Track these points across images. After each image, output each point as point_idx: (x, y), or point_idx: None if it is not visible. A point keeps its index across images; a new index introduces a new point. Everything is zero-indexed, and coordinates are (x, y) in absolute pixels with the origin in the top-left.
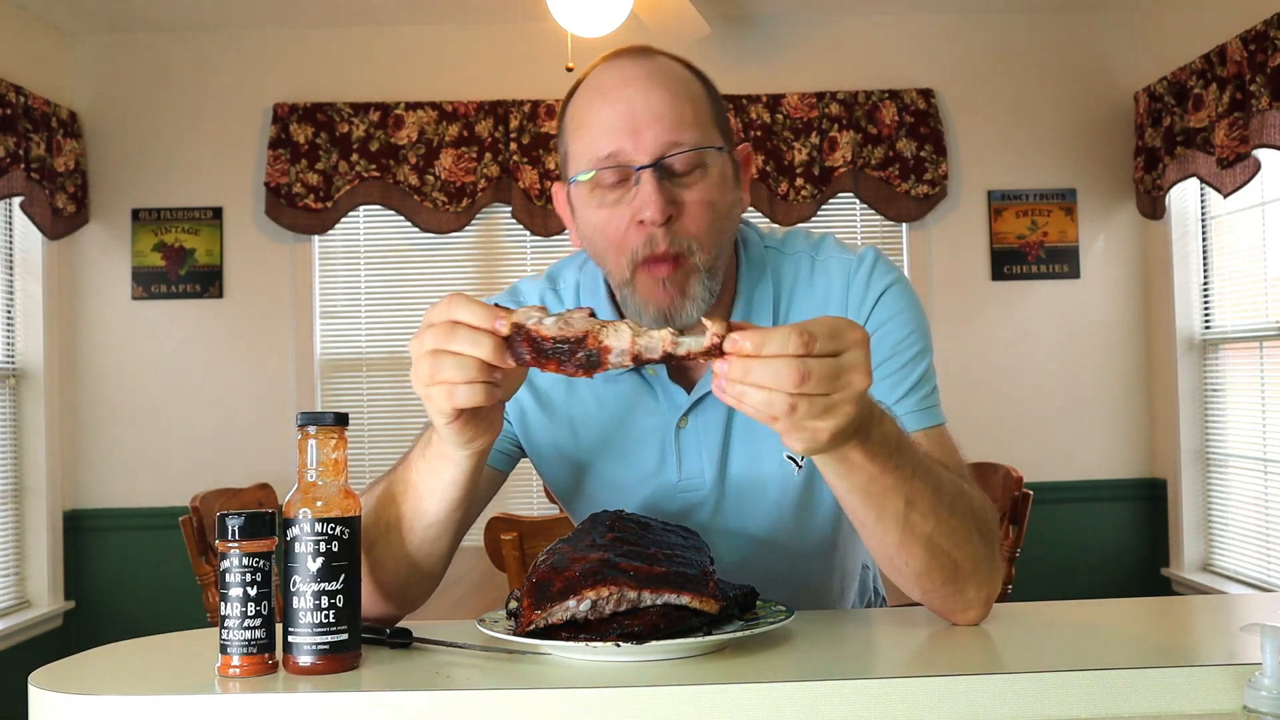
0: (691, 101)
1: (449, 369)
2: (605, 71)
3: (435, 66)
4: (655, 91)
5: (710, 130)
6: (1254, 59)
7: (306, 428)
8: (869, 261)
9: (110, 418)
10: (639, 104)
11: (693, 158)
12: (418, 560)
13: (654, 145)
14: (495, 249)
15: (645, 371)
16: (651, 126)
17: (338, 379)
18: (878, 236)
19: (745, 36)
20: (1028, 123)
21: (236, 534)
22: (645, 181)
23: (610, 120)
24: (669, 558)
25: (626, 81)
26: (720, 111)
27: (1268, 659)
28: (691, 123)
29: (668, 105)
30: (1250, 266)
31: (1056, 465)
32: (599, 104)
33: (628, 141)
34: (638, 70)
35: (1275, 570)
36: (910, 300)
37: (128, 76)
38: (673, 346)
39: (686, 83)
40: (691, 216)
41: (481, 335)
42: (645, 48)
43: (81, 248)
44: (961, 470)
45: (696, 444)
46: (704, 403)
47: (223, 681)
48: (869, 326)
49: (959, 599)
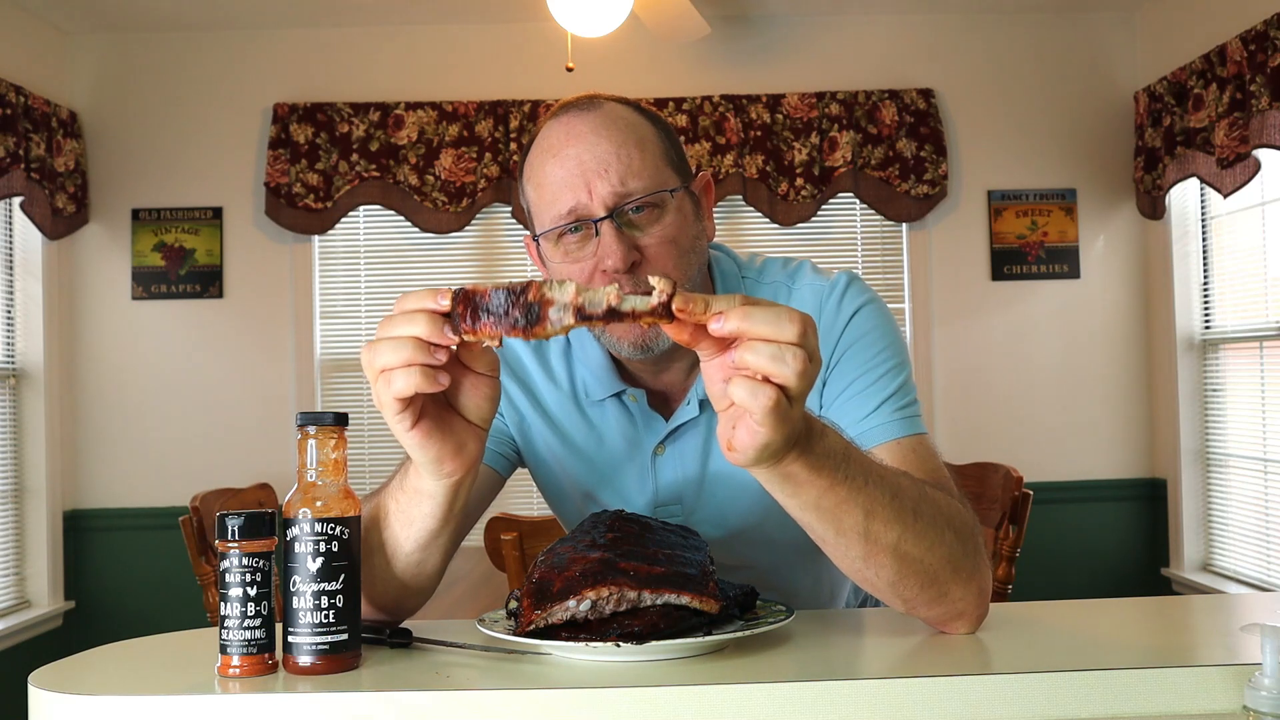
0: (639, 146)
1: (386, 354)
2: (554, 128)
3: (435, 66)
4: (602, 144)
5: (663, 170)
6: (1254, 59)
7: (306, 428)
8: (841, 286)
9: (110, 418)
10: (587, 158)
11: (648, 203)
12: (405, 580)
13: (607, 197)
14: (495, 249)
15: (626, 398)
16: (602, 179)
17: (338, 379)
18: (878, 236)
19: (745, 36)
20: (1028, 123)
21: (236, 534)
22: (604, 233)
23: (562, 178)
24: (669, 558)
25: (575, 137)
26: (674, 148)
27: (1268, 659)
28: (640, 169)
29: (614, 156)
30: (1250, 266)
31: (1056, 465)
32: (551, 163)
33: (582, 196)
34: (583, 124)
35: (1275, 570)
36: (881, 319)
37: (128, 76)
38: (617, 301)
39: (634, 127)
40: (655, 258)
41: (416, 314)
42: (591, 97)
43: (81, 248)
44: (939, 477)
45: (673, 469)
46: (681, 431)
47: (223, 681)
48: (840, 347)
49: (944, 604)
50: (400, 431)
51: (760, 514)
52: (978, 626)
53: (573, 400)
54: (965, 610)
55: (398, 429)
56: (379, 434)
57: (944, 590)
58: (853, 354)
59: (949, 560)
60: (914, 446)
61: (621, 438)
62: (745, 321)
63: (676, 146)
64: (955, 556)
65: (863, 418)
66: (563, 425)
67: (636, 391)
